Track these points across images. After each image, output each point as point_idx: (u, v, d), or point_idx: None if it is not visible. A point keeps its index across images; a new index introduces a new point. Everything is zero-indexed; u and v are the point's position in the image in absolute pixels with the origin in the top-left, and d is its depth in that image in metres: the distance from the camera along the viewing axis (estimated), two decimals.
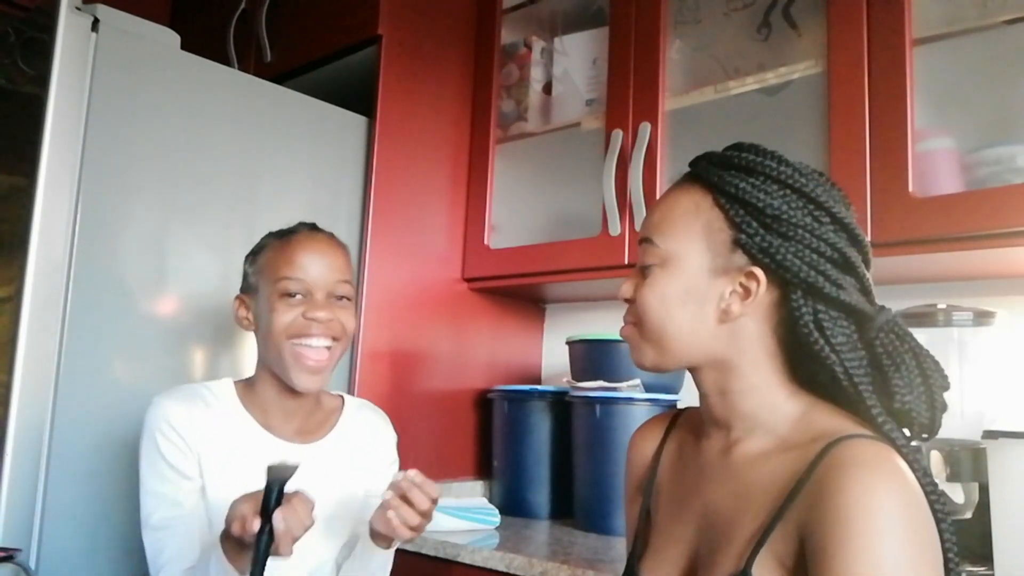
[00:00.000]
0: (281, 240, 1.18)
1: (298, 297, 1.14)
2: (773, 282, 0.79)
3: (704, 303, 0.80)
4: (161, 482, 1.11)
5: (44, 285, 1.31)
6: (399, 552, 1.20)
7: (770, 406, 0.80)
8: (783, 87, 1.47)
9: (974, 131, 1.34)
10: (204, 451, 1.13)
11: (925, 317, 1.23)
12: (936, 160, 1.31)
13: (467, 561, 1.41)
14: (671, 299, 0.81)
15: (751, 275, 0.79)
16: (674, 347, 0.82)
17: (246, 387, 1.21)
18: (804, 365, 0.82)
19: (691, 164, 0.87)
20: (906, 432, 0.77)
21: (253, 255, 1.21)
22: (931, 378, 0.77)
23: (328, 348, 1.15)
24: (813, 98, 1.40)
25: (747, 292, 0.79)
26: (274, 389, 1.18)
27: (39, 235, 1.31)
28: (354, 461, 1.23)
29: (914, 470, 0.71)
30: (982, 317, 1.22)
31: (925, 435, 0.77)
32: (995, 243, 1.19)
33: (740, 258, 0.80)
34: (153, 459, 1.11)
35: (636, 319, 0.85)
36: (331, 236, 1.22)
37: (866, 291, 0.81)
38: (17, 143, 1.41)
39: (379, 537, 1.11)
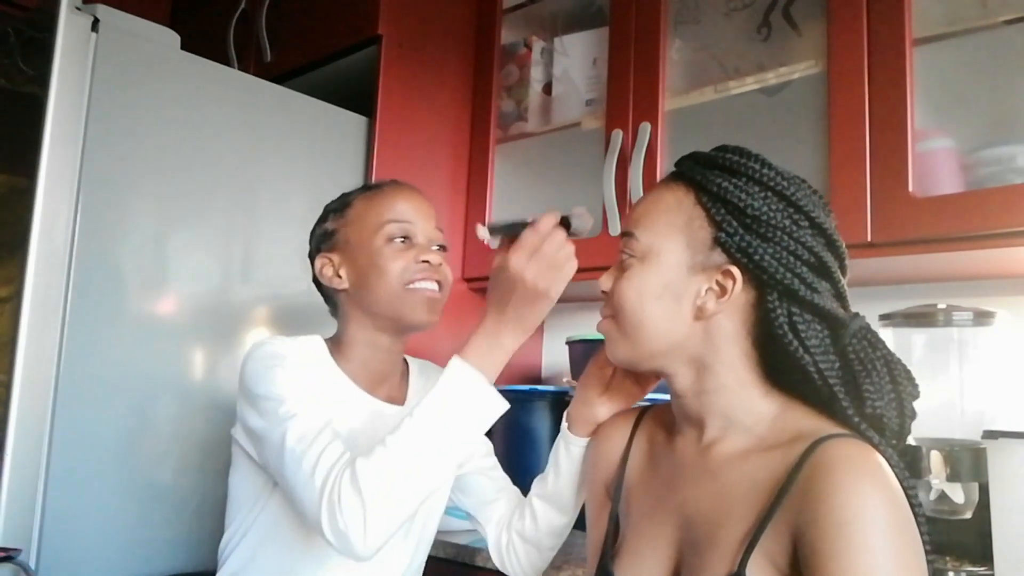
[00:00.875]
0: (372, 191, 1.17)
1: (401, 242, 1.11)
2: (749, 282, 0.80)
3: (680, 299, 0.81)
4: (294, 390, 1.00)
5: (44, 285, 1.31)
6: None
7: (745, 405, 0.81)
8: (783, 87, 1.47)
9: (974, 131, 1.33)
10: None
11: (925, 317, 1.23)
12: (936, 160, 1.31)
13: (467, 561, 1.41)
14: (648, 293, 0.82)
15: (727, 273, 0.80)
16: (649, 342, 0.83)
17: (334, 348, 1.15)
18: (778, 366, 0.82)
19: (677, 163, 0.88)
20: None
21: (336, 211, 1.17)
22: (901, 385, 0.78)
23: (438, 290, 1.13)
24: (813, 98, 1.40)
25: (723, 290, 0.80)
26: (370, 350, 1.14)
27: (39, 235, 1.31)
28: None
29: (892, 467, 0.73)
30: (982, 317, 1.21)
31: (895, 442, 0.78)
32: (995, 243, 1.19)
33: (718, 256, 0.80)
34: (279, 377, 1.01)
35: (613, 312, 0.86)
36: (415, 187, 1.20)
37: (840, 297, 0.82)
38: (17, 143, 1.41)
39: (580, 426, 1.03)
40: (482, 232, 0.94)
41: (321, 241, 1.18)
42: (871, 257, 1.29)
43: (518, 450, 1.82)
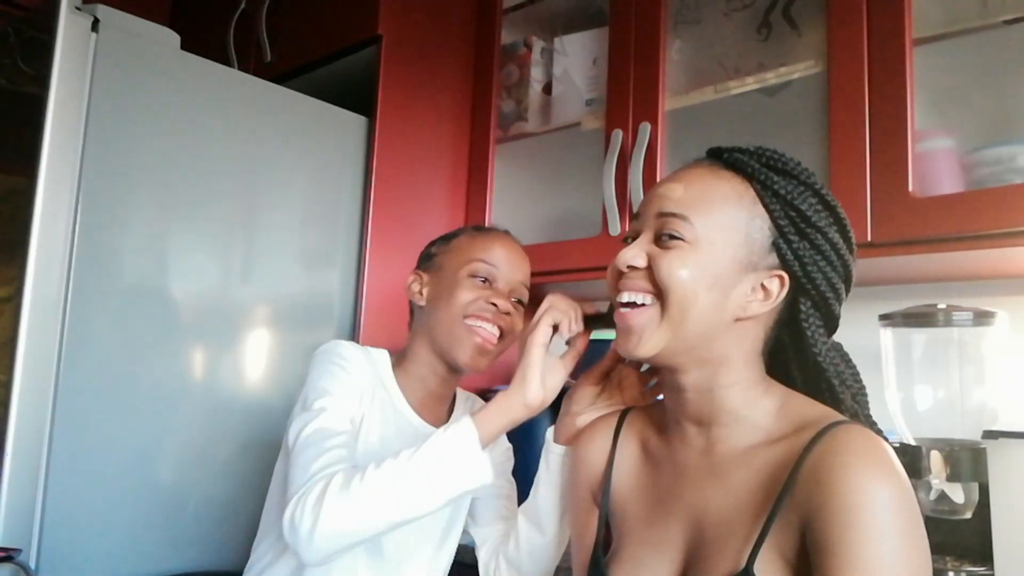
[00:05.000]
0: (479, 231, 1.25)
1: (483, 281, 1.17)
2: (788, 287, 0.81)
3: (727, 295, 0.78)
4: (341, 391, 1.08)
5: (44, 285, 1.31)
6: None
7: (751, 401, 0.81)
8: (783, 87, 1.47)
9: (974, 131, 1.33)
10: (364, 409, 1.12)
11: (925, 317, 1.22)
12: (936, 160, 1.31)
13: (467, 561, 1.41)
14: (701, 281, 0.78)
15: (778, 278, 0.79)
16: (690, 332, 0.78)
17: (396, 361, 1.21)
18: (779, 363, 0.85)
19: (724, 152, 0.84)
20: None
21: (445, 240, 1.25)
22: (865, 400, 0.83)
23: (497, 336, 1.16)
24: (813, 98, 1.40)
25: (767, 294, 0.80)
26: (428, 370, 1.19)
27: (39, 235, 1.31)
28: None
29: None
30: (982, 317, 1.21)
31: None
32: (995, 243, 1.19)
33: (772, 259, 0.80)
34: (334, 373, 1.09)
35: (657, 290, 0.79)
36: (518, 240, 1.27)
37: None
38: (17, 143, 1.41)
39: None
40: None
41: (422, 261, 1.26)
42: (871, 257, 1.29)
43: (518, 450, 1.82)
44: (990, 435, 1.10)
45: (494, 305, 1.15)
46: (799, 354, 0.84)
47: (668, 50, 1.62)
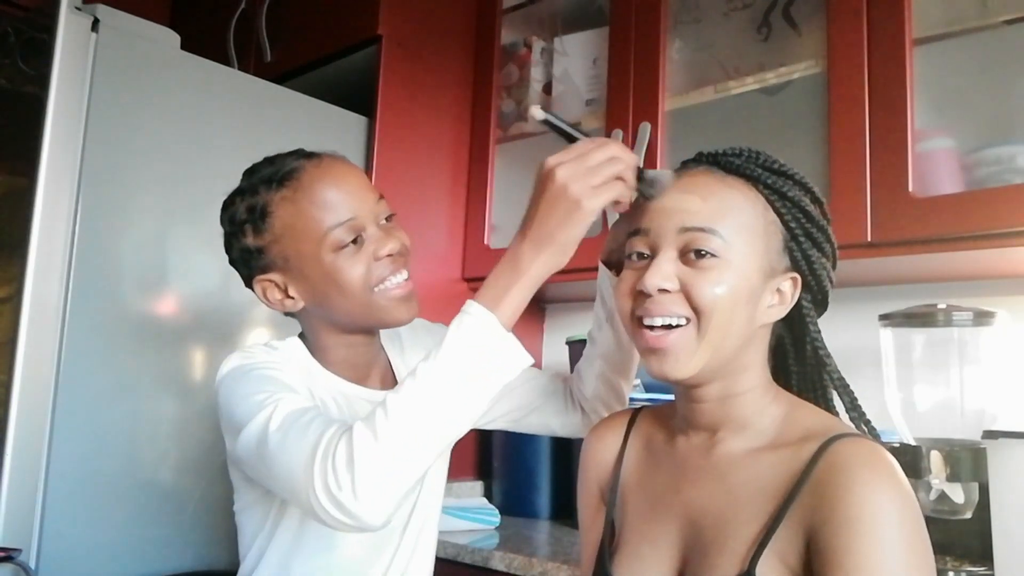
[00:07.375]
0: (287, 188, 0.98)
1: (353, 243, 0.97)
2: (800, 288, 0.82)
3: (757, 305, 0.78)
4: (267, 383, 0.91)
5: (44, 285, 1.31)
6: None
7: (761, 408, 0.81)
8: (783, 87, 1.47)
9: (974, 131, 1.33)
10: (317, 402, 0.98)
11: (925, 317, 1.22)
12: (936, 160, 1.31)
13: (467, 561, 1.41)
14: (738, 296, 0.76)
15: (792, 280, 0.80)
16: (728, 349, 0.78)
17: (313, 350, 1.06)
18: (781, 365, 0.85)
19: (719, 157, 0.83)
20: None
21: (253, 223, 1.00)
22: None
23: (407, 277, 1.02)
24: (813, 98, 1.40)
25: (782, 297, 0.80)
26: (348, 350, 1.05)
27: (39, 235, 1.31)
28: None
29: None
30: (982, 317, 1.21)
31: None
32: (995, 243, 1.19)
33: (785, 262, 0.80)
34: (249, 379, 0.93)
35: (698, 312, 0.76)
36: (334, 154, 1.04)
37: None
38: (17, 143, 1.41)
39: None
40: (536, 112, 0.82)
41: (249, 261, 1.03)
42: (871, 257, 1.29)
43: (518, 449, 1.82)
44: (990, 435, 1.10)
45: (388, 256, 0.99)
46: (797, 348, 0.85)
47: (668, 50, 1.62)
